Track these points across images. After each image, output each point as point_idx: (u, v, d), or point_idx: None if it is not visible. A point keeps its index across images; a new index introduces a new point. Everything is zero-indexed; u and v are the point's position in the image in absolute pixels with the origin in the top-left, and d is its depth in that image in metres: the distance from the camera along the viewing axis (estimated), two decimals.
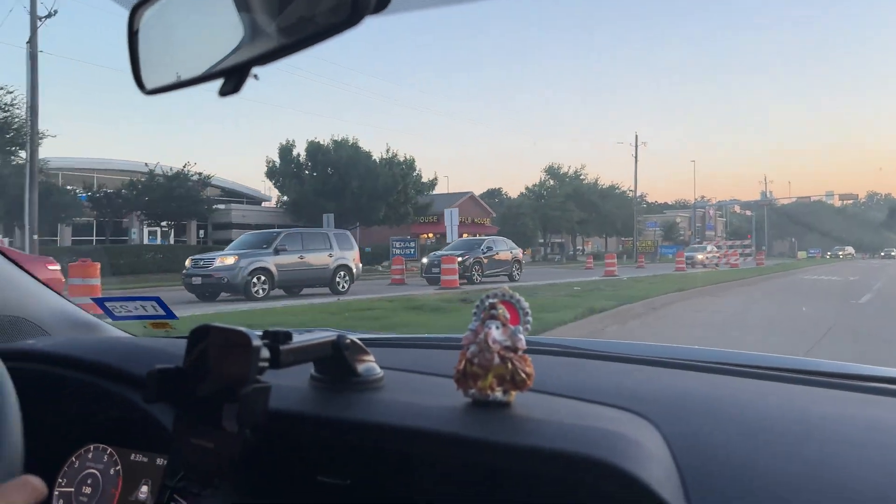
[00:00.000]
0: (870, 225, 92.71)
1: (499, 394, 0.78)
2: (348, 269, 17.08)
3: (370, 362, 0.92)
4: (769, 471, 0.64)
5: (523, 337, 0.79)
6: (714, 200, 77.85)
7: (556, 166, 56.74)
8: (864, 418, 0.79)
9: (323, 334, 0.86)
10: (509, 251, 22.69)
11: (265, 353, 0.75)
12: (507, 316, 0.80)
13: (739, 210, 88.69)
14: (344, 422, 0.82)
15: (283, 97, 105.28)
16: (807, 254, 72.22)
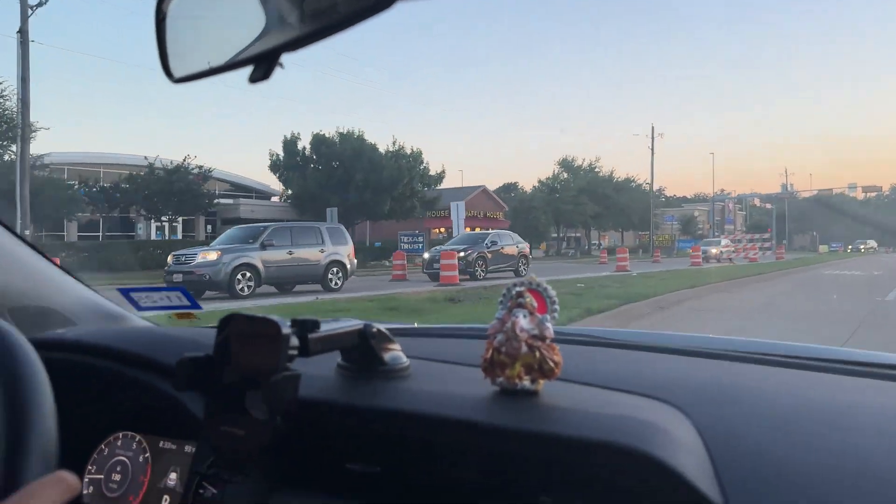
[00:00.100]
0: (894, 218, 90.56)
1: (526, 382, 0.77)
2: (341, 265, 16.22)
3: (396, 351, 0.92)
4: (802, 460, 0.63)
5: (551, 326, 0.78)
6: (735, 194, 76.41)
7: (570, 159, 55.59)
8: (894, 407, 0.79)
9: (350, 323, 0.86)
10: (515, 245, 21.62)
11: (294, 342, 0.76)
12: (535, 304, 0.79)
13: (759, 203, 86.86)
14: (372, 409, 0.82)
15: (295, 92, 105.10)
16: (828, 248, 70.60)
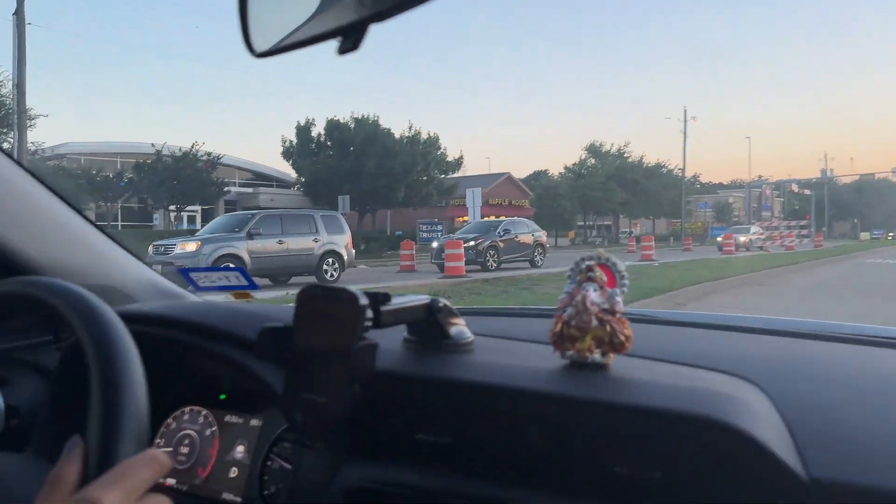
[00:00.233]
0: None
1: (597, 356, 0.78)
2: (337, 256, 15.16)
3: (461, 325, 0.93)
4: (878, 431, 0.64)
5: (621, 300, 0.78)
6: (773, 179, 73.68)
7: (598, 144, 53.69)
8: None
9: (417, 297, 0.87)
10: (531, 234, 20.35)
11: (370, 313, 0.76)
12: (605, 279, 0.79)
13: (798, 189, 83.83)
14: (443, 380, 0.82)
15: (325, 79, 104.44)
16: (870, 235, 67.70)
